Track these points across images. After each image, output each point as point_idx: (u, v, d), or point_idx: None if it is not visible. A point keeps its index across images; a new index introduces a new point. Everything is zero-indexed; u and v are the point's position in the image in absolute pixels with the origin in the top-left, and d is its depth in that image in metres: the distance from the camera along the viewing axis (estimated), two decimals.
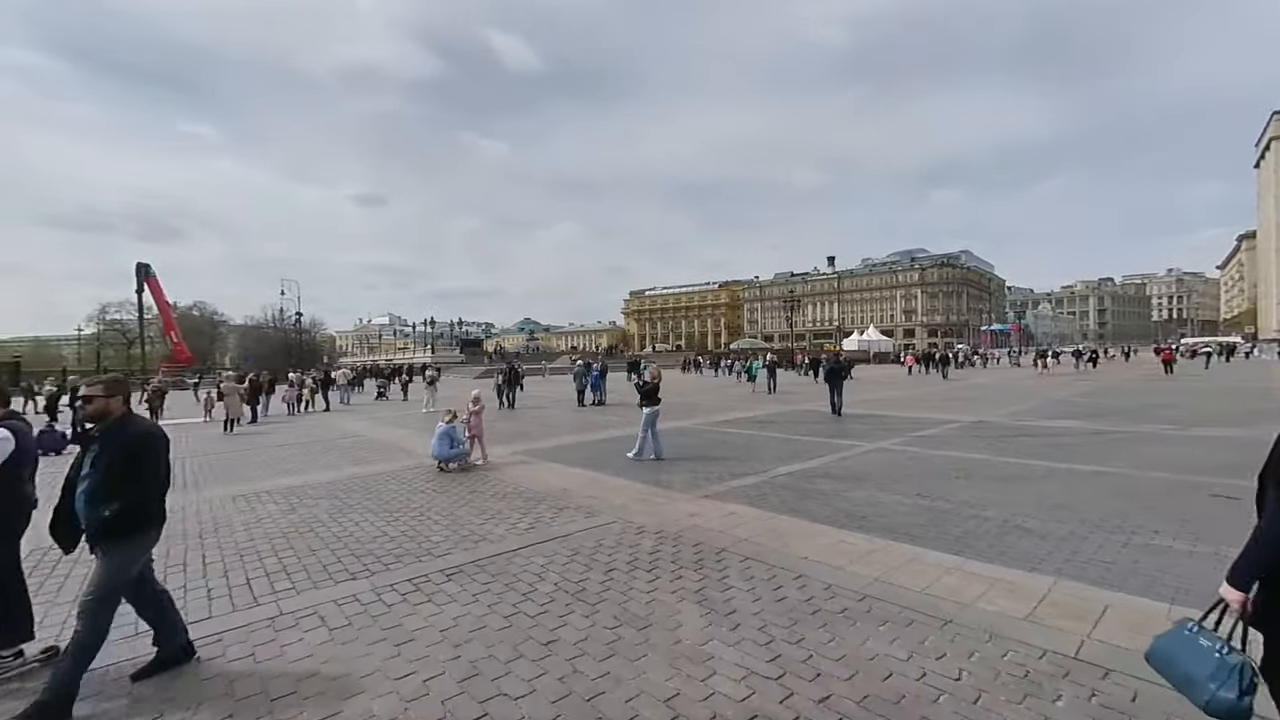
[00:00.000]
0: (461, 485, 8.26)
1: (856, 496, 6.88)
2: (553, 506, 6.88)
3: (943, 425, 12.94)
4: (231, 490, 8.57)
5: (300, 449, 12.60)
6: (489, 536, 5.79)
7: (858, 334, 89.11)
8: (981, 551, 4.92)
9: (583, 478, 8.44)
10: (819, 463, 9.03)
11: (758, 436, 12.08)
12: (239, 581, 4.82)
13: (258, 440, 14.31)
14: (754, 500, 6.82)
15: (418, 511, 6.88)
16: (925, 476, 7.87)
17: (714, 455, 10.03)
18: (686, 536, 5.52)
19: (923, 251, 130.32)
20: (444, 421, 9.59)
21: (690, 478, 8.24)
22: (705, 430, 13.27)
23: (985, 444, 10.38)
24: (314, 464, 10.63)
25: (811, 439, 11.52)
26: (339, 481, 8.89)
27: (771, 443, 11.21)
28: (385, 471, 9.58)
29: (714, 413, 17.00)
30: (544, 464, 9.68)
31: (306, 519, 6.77)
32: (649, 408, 10.12)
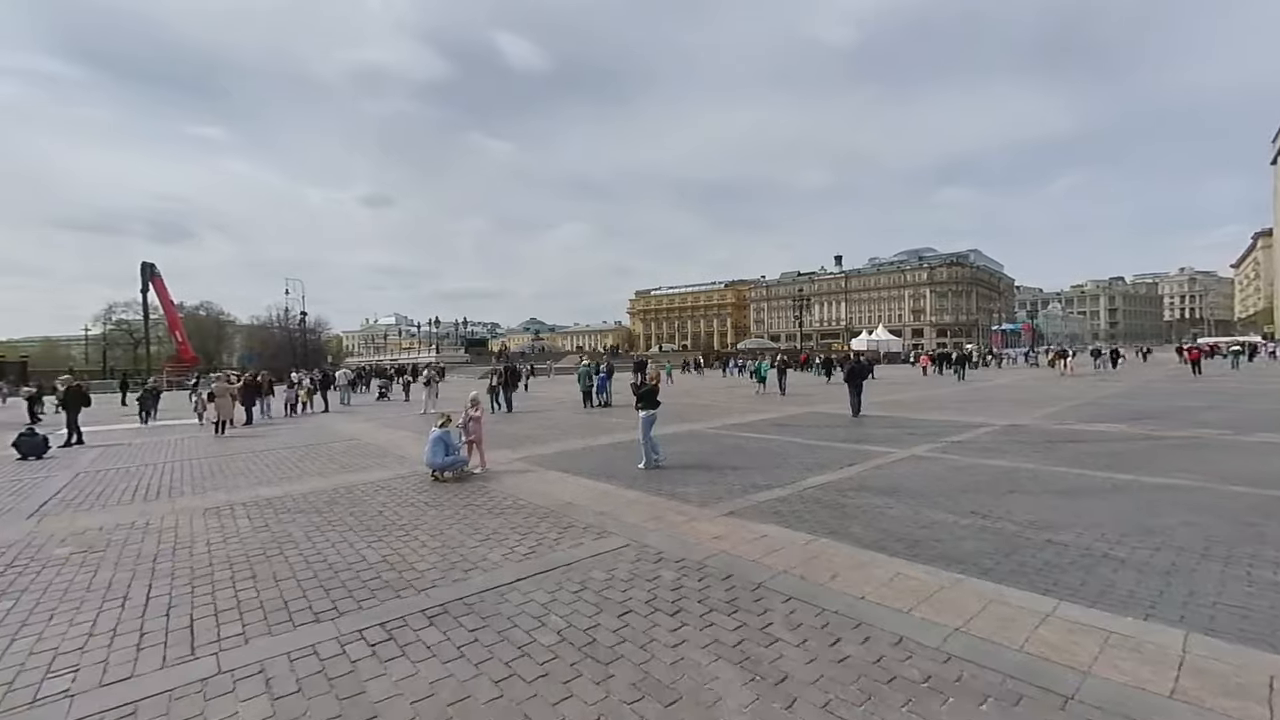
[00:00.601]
0: (456, 498, 7.46)
1: (902, 515, 6.03)
2: (556, 525, 6.06)
3: (975, 429, 12.05)
4: (205, 501, 7.80)
5: (289, 454, 11.84)
6: (482, 564, 4.98)
7: (866, 333, 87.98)
8: (1074, 590, 4.07)
9: (590, 489, 7.62)
10: (851, 473, 8.18)
11: (777, 441, 11.23)
12: (181, 623, 4.02)
13: (247, 444, 13.57)
14: (786, 519, 5.98)
15: (404, 530, 6.08)
16: (975, 490, 7.00)
17: (733, 463, 9.19)
18: (714, 567, 4.69)
19: (930, 251, 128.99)
20: (438, 426, 8.80)
21: (709, 490, 7.41)
22: (720, 434, 12.43)
23: (1030, 451, 9.50)
24: (301, 471, 9.86)
25: (836, 444, 10.67)
26: (324, 492, 8.11)
27: (794, 449, 10.36)
28: (375, 481, 8.79)
29: (728, 415, 16.16)
30: (548, 472, 8.87)
31: (279, 538, 5.98)
32: (645, 411, 9.35)
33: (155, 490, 8.69)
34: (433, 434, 8.69)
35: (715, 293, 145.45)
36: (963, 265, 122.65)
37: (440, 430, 8.68)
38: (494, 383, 19.95)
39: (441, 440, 8.56)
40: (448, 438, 8.63)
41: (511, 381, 20.27)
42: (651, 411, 9.44)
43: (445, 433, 8.67)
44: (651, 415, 9.43)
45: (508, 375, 20.29)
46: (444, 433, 8.65)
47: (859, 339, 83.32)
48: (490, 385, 19.85)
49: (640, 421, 9.39)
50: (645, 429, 9.32)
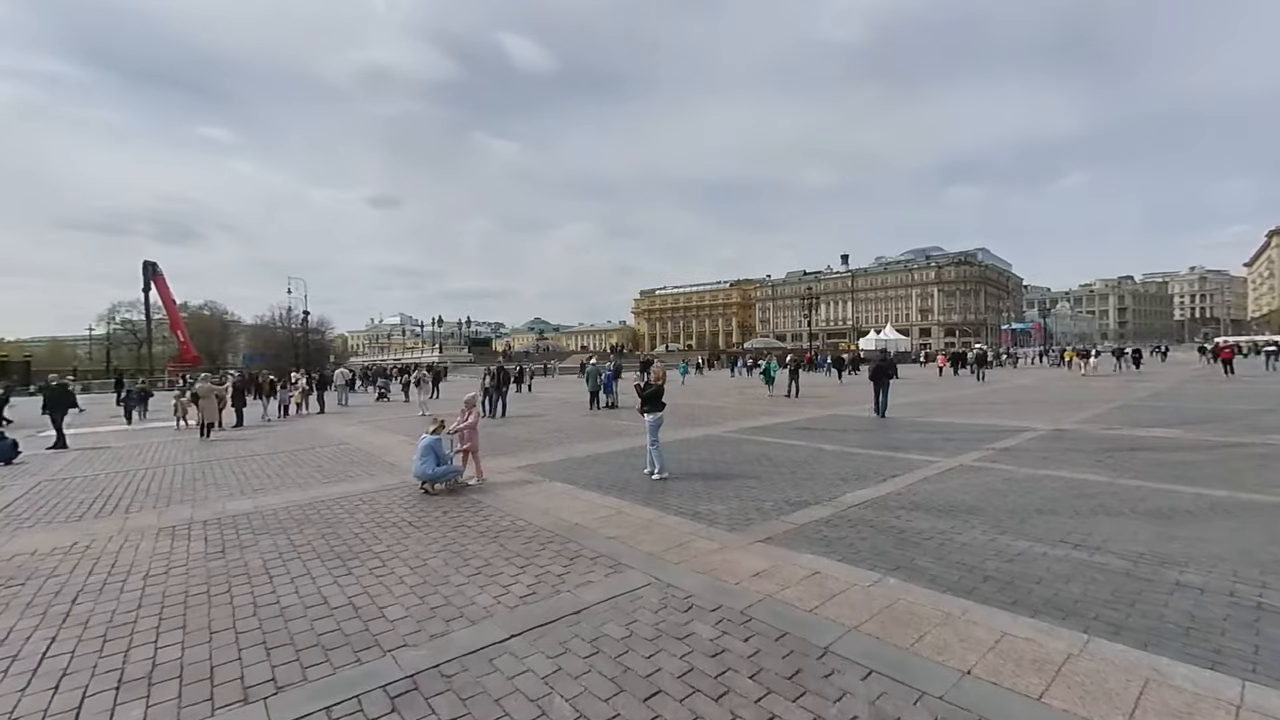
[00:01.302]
0: (446, 516, 6.49)
1: (976, 542, 5.03)
2: (561, 553, 5.09)
3: (1017, 435, 11.01)
4: (164, 519, 6.86)
5: (272, 461, 10.91)
6: (469, 609, 4.00)
7: (874, 333, 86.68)
8: (1249, 662, 3.06)
9: (599, 507, 6.64)
10: (896, 486, 7.17)
11: (804, 448, 10.22)
12: (66, 702, 3.06)
13: (231, 449, 12.65)
14: (836, 548, 4.99)
15: (381, 560, 5.11)
16: (1050, 510, 5.99)
17: (758, 474, 8.19)
18: (761, 619, 3.70)
19: (938, 250, 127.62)
20: (428, 433, 7.83)
21: (738, 507, 6.42)
22: (740, 439, 11.42)
23: (1090, 460, 8.46)
24: (280, 481, 8.92)
25: (869, 452, 9.66)
26: (299, 507, 7.16)
27: (824, 457, 9.35)
28: (359, 493, 7.84)
29: (743, 417, 15.15)
30: (551, 484, 7.89)
31: (233, 569, 5.02)
32: (651, 414, 8.44)
33: (114, 503, 7.75)
34: (422, 441, 7.72)
35: (720, 292, 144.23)
36: (970, 264, 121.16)
37: (430, 437, 7.71)
38: (485, 384, 18.33)
39: (431, 449, 7.59)
40: (438, 446, 7.66)
41: (503, 384, 18.52)
42: (657, 414, 8.52)
43: (436, 440, 7.70)
44: (658, 419, 8.51)
45: (499, 377, 18.45)
46: (434, 440, 7.68)
47: (867, 338, 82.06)
48: (484, 386, 18.15)
49: (646, 426, 8.50)
50: (652, 433, 8.42)
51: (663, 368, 9.50)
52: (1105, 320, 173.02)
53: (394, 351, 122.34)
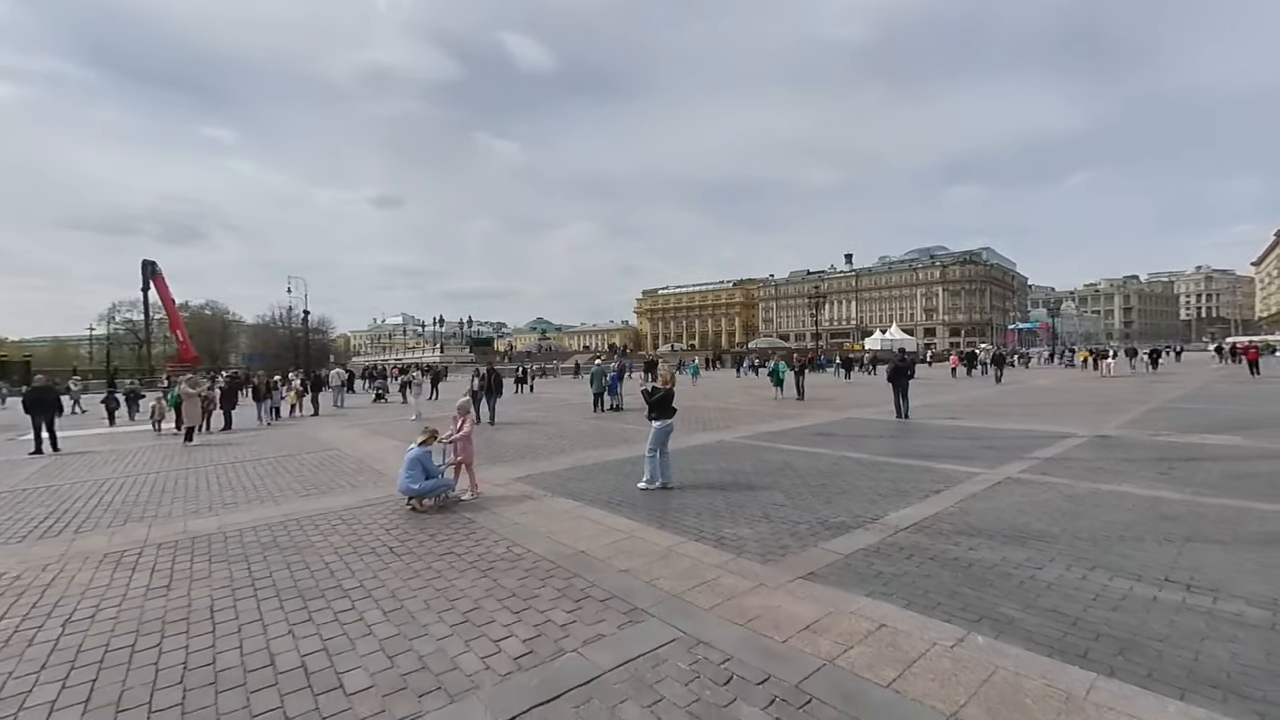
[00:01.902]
0: (433, 539, 5.66)
1: (1063, 581, 4.18)
2: (564, 592, 4.25)
3: (1058, 441, 10.15)
4: (115, 540, 6.05)
5: (253, 469, 10.10)
6: (449, 678, 3.17)
7: (880, 332, 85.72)
8: None
9: (607, 528, 5.80)
10: (944, 504, 6.32)
11: (828, 457, 9.37)
12: None
13: (212, 456, 11.85)
14: (896, 588, 4.14)
15: (350, 599, 4.28)
16: (1133, 535, 5.13)
17: (785, 487, 7.35)
18: (826, 699, 2.85)
19: (942, 249, 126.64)
20: (418, 443, 7.00)
21: (768, 531, 5.58)
22: (757, 446, 10.58)
23: (1152, 472, 7.60)
24: (255, 493, 8.11)
25: (902, 461, 8.80)
26: (269, 526, 6.34)
27: (853, 467, 8.50)
28: (339, 509, 7.02)
29: (756, 421, 14.30)
30: (553, 500, 7.05)
31: (173, 611, 4.20)
32: (659, 421, 7.69)
33: (66, 521, 6.94)
34: (409, 453, 6.89)
35: (723, 292, 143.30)
36: (976, 263, 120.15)
37: (418, 449, 6.88)
38: (474, 388, 16.55)
39: (419, 461, 6.76)
40: (426, 459, 6.83)
41: (495, 388, 16.33)
42: (667, 421, 7.73)
43: (424, 452, 6.87)
44: (667, 426, 7.72)
45: (490, 380, 16.19)
46: (422, 452, 6.85)
47: (872, 338, 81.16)
48: (472, 390, 16.36)
49: (651, 433, 7.71)
50: (656, 442, 7.66)
51: (670, 369, 8.62)
52: (1111, 320, 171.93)
53: (396, 351, 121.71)
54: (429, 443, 7.03)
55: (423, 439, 7.02)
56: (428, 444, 7.01)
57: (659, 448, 7.72)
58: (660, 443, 7.72)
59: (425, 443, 6.99)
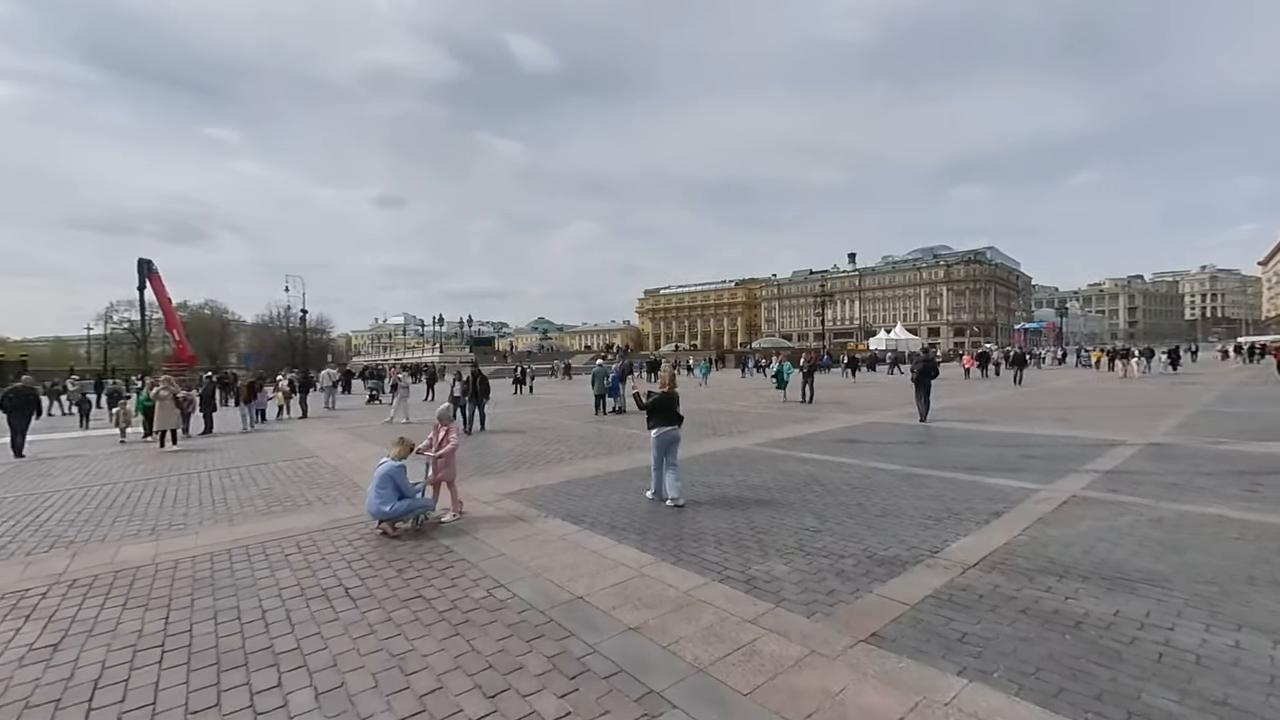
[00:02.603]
0: (399, 578, 4.67)
1: (1219, 652, 3.18)
2: (556, 663, 3.26)
3: (1107, 450, 9.14)
4: (28, 573, 5.07)
5: (219, 480, 9.12)
6: None
7: (885, 332, 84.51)
8: None
9: (611, 562, 4.81)
10: (1011, 531, 5.31)
11: (858, 468, 8.37)
12: None
13: (181, 464, 10.87)
14: (993, 660, 3.14)
15: (277, 670, 3.29)
16: (1273, 579, 4.13)
17: (816, 506, 6.35)
18: None
19: (945, 248, 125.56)
20: (390, 456, 6.01)
21: (807, 567, 4.58)
22: (776, 455, 9.57)
23: (1238, 489, 6.58)
24: (211, 510, 7.14)
25: (943, 474, 7.79)
26: (211, 555, 5.36)
27: (890, 481, 7.49)
28: (299, 532, 6.04)
29: (769, 425, 13.30)
30: (547, 523, 6.06)
31: (44, 689, 3.22)
32: (658, 429, 6.71)
33: None
34: (379, 468, 5.91)
35: (725, 291, 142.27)
36: (980, 263, 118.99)
37: (391, 464, 5.89)
38: (455, 393, 14.32)
39: (390, 479, 5.78)
40: (399, 475, 5.84)
41: (481, 393, 14.12)
42: (666, 429, 6.73)
43: (397, 468, 5.88)
44: (667, 435, 6.73)
45: (476, 384, 14.05)
46: (395, 468, 5.86)
47: (877, 338, 79.91)
48: (451, 395, 14.36)
49: (653, 444, 6.75)
50: (659, 452, 6.72)
51: (672, 370, 7.58)
52: (1115, 320, 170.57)
53: (396, 351, 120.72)
54: (403, 456, 6.05)
55: (395, 451, 6.03)
56: (402, 457, 6.03)
57: (662, 459, 6.78)
58: (663, 454, 6.75)
59: (399, 456, 6.01)
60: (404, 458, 6.05)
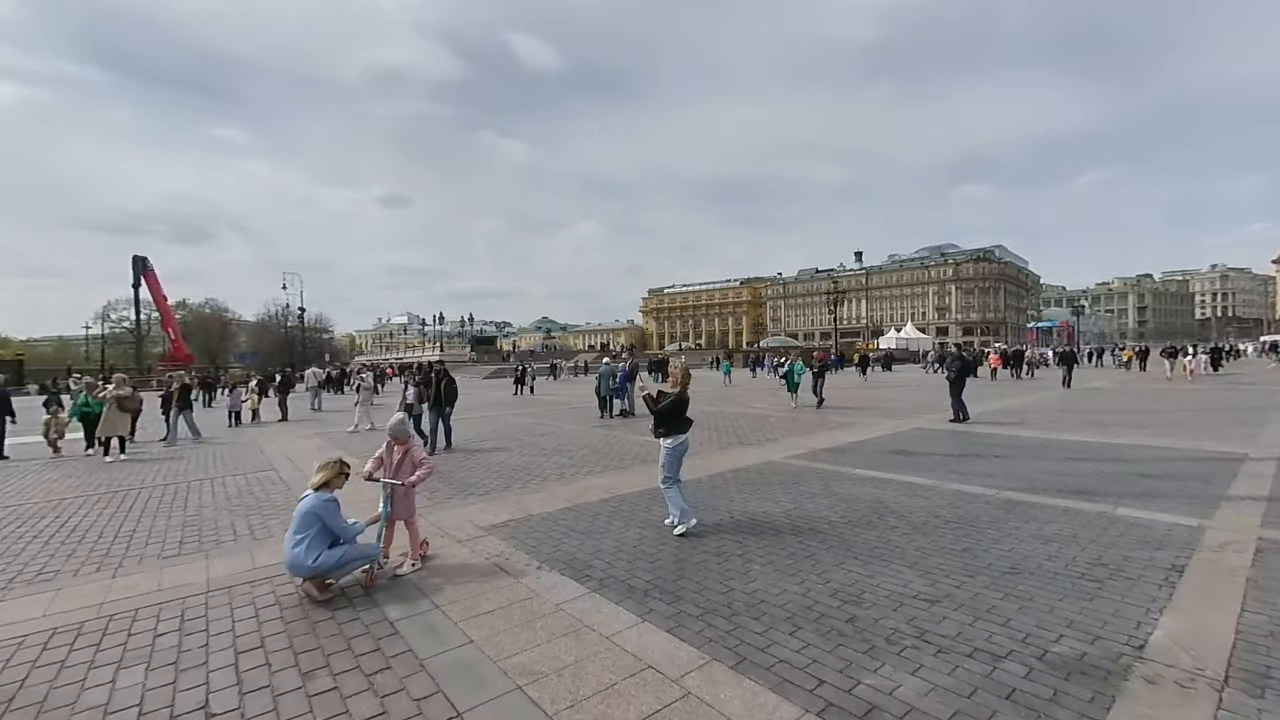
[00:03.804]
0: (296, 694, 2.96)
1: None
2: None
3: (1237, 466, 7.39)
4: None
5: (143, 502, 7.45)
6: None
7: (894, 331, 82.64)
8: None
9: (639, 669, 3.06)
10: (1226, 604, 3.57)
11: (931, 490, 6.61)
12: None
13: (111, 479, 9.21)
14: None
15: None
16: None
17: (905, 552, 4.61)
18: None
19: (953, 246, 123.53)
20: (313, 485, 4.28)
21: (950, 680, 2.84)
22: (820, 471, 7.82)
23: None
24: (102, 550, 5.44)
25: (1050, 501, 6.03)
26: (38, 640, 3.66)
27: (982, 510, 5.74)
28: (195, 589, 4.34)
29: (799, 432, 11.55)
30: (541, 581, 4.32)
31: None
32: (669, 438, 5.33)
33: None
34: (301, 504, 4.20)
35: (730, 290, 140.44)
36: (990, 261, 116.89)
37: (316, 497, 4.17)
38: (408, 398, 11.60)
39: (315, 518, 4.06)
40: (328, 513, 4.12)
41: (447, 397, 10.93)
42: (680, 438, 5.35)
43: (325, 502, 4.16)
44: (681, 444, 5.36)
45: (440, 387, 10.82)
46: (322, 503, 4.14)
47: (887, 337, 78.08)
48: (403, 402, 11.61)
49: (661, 455, 5.32)
50: (671, 467, 5.31)
51: (684, 367, 5.88)
52: (1124, 319, 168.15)
53: (398, 350, 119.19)
54: (334, 482, 4.32)
55: (320, 477, 4.30)
56: (332, 485, 4.31)
57: (675, 473, 5.34)
58: (673, 466, 5.34)
59: (328, 484, 4.28)
60: (337, 486, 4.33)
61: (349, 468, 4.49)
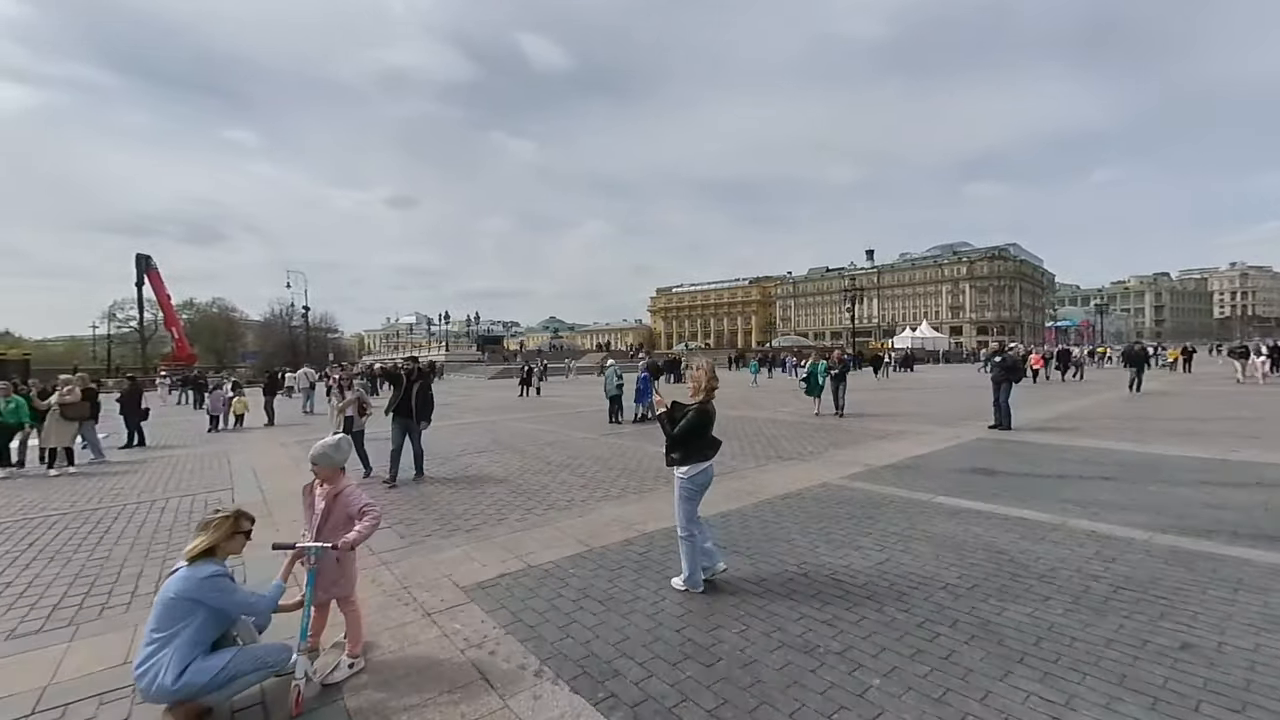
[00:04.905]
0: None
1: None
2: None
3: None
4: None
5: (47, 537, 5.98)
6: None
7: (910, 330, 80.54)
8: None
9: None
10: None
11: (1067, 534, 5.01)
12: None
13: (36, 500, 7.77)
14: None
15: None
16: None
17: (1080, 651, 3.03)
18: None
19: (966, 245, 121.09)
20: (186, 556, 2.74)
21: None
22: (893, 498, 6.22)
23: None
24: None
25: (1205, 547, 4.42)
26: None
27: (1157, 568, 4.13)
28: (14, 713, 2.82)
29: (845, 443, 9.93)
30: (540, 703, 2.78)
31: None
32: (686, 468, 3.84)
33: None
34: (169, 584, 2.66)
35: (740, 290, 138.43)
36: (1005, 259, 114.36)
37: (195, 576, 2.63)
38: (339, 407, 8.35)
39: (190, 607, 2.54)
40: (211, 593, 2.59)
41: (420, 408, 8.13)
42: (700, 467, 3.84)
43: (207, 579, 2.63)
44: (702, 474, 3.88)
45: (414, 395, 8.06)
46: (199, 581, 2.60)
47: (902, 336, 76.04)
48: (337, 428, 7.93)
49: (676, 488, 3.92)
50: (687, 506, 3.83)
51: (710, 370, 4.22)
52: (1141, 319, 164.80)
53: (405, 350, 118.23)
54: (228, 548, 2.79)
55: (205, 542, 2.75)
56: (223, 553, 2.77)
57: (689, 511, 3.87)
58: (692, 500, 3.88)
59: (213, 551, 2.74)
60: (230, 551, 2.80)
61: (250, 522, 2.95)
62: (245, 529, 2.90)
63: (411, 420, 8.08)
